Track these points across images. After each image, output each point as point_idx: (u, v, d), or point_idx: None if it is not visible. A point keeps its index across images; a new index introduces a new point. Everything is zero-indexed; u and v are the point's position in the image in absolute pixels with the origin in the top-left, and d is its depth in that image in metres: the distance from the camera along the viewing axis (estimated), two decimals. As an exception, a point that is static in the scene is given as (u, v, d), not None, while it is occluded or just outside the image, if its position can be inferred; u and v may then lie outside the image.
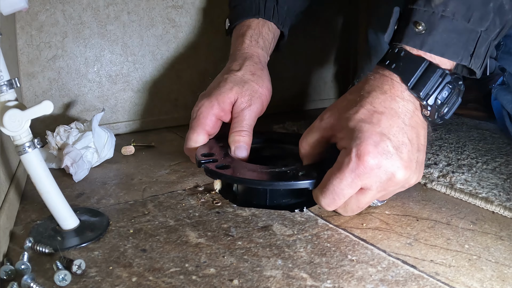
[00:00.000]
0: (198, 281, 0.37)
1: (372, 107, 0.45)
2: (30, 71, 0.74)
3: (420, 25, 0.44)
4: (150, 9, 0.82)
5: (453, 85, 0.45)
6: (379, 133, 0.43)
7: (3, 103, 0.39)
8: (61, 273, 0.36)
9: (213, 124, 0.59)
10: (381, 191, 0.44)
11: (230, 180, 0.50)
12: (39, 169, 0.41)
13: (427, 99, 0.45)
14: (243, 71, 0.62)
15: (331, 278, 0.37)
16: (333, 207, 0.46)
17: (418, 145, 0.45)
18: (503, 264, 0.40)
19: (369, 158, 0.42)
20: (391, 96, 0.45)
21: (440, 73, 0.45)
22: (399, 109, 0.45)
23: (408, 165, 0.44)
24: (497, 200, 0.52)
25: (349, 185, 0.43)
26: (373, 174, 0.43)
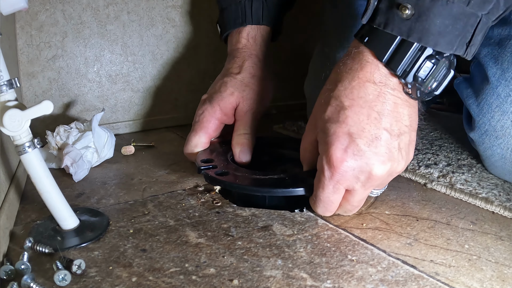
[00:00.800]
0: (198, 281, 0.37)
1: (338, 103, 0.42)
2: (30, 71, 0.74)
3: (407, 8, 0.37)
4: (150, 9, 0.82)
5: (436, 60, 0.40)
6: (347, 134, 0.41)
7: (3, 103, 0.39)
8: (61, 273, 0.36)
9: (215, 128, 0.60)
10: (368, 187, 0.43)
11: (229, 187, 0.51)
12: (39, 169, 0.41)
13: (405, 77, 0.40)
14: (243, 74, 0.62)
15: (331, 278, 0.37)
16: (329, 213, 0.46)
17: (399, 129, 0.42)
18: (503, 264, 0.40)
19: (339, 163, 0.41)
20: (360, 83, 0.41)
21: (418, 46, 0.39)
22: (370, 97, 0.40)
23: (387, 158, 0.41)
24: (497, 200, 0.52)
25: (332, 192, 0.43)
26: (350, 177, 0.42)
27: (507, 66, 0.54)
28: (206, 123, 0.59)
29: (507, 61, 0.54)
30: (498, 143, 0.56)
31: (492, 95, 0.55)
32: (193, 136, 0.60)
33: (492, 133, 0.56)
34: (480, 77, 0.58)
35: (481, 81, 0.57)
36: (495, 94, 0.55)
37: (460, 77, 0.64)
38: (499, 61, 0.55)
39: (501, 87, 0.55)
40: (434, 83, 0.41)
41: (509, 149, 0.55)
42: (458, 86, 0.63)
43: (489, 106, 0.56)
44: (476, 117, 0.58)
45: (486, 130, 0.57)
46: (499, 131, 0.56)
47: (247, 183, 0.50)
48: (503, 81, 0.54)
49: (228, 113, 0.60)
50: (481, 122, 0.57)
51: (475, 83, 0.60)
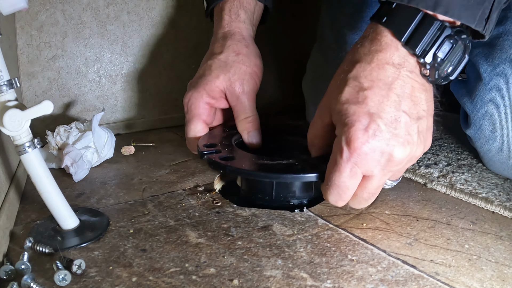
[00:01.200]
0: (198, 281, 0.37)
1: (357, 84, 0.41)
2: (30, 71, 0.74)
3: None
4: (150, 9, 0.82)
5: (455, 40, 0.40)
6: (367, 114, 0.39)
7: (3, 103, 0.39)
8: (61, 273, 0.36)
9: (207, 113, 0.58)
10: (386, 173, 0.42)
11: (235, 172, 0.47)
12: (39, 169, 0.41)
13: (425, 56, 0.40)
14: (226, 53, 0.58)
15: (331, 278, 0.37)
16: (342, 202, 0.43)
17: (418, 113, 0.41)
18: (503, 264, 0.40)
19: (359, 144, 0.39)
20: (379, 64, 0.40)
21: (438, 25, 0.39)
22: (389, 79, 0.40)
23: (406, 140, 0.40)
24: (497, 200, 0.52)
25: (349, 176, 0.41)
26: (370, 159, 0.40)
27: (498, 62, 0.55)
28: (196, 110, 0.57)
29: (497, 57, 0.55)
30: (493, 136, 0.56)
31: (485, 91, 0.56)
32: (189, 127, 0.58)
33: (487, 128, 0.57)
34: (473, 76, 0.59)
35: (474, 79, 0.58)
36: (488, 89, 0.56)
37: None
38: (490, 58, 0.56)
39: (493, 82, 0.55)
40: (450, 67, 0.41)
41: (505, 141, 0.56)
42: (453, 87, 0.64)
43: (482, 101, 0.57)
44: (470, 114, 0.59)
45: (481, 125, 0.58)
46: (493, 124, 0.56)
47: (255, 168, 0.46)
48: (495, 76, 0.55)
49: (216, 96, 0.57)
50: (475, 118, 0.58)
51: (469, 83, 0.61)
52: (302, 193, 0.52)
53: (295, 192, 0.51)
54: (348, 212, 0.50)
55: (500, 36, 0.56)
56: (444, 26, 0.39)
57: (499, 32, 0.56)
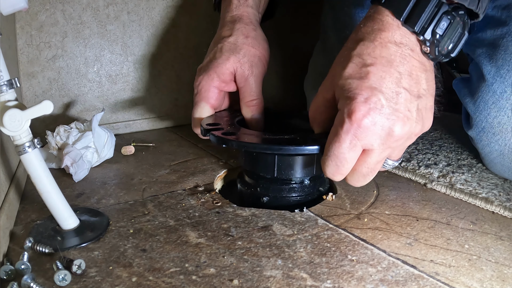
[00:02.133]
0: (198, 281, 0.37)
1: (360, 60, 0.42)
2: (30, 71, 0.74)
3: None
4: (150, 9, 0.82)
5: (452, 16, 0.41)
6: (369, 88, 0.40)
7: (3, 103, 0.39)
8: (61, 273, 0.36)
9: (216, 97, 0.58)
10: (386, 148, 0.42)
11: (238, 145, 0.47)
12: (39, 169, 0.41)
13: (424, 33, 0.41)
14: (235, 36, 0.59)
15: (331, 278, 0.37)
16: (339, 175, 0.43)
17: (418, 91, 0.42)
18: (503, 264, 0.40)
19: (361, 116, 0.40)
20: (381, 43, 0.42)
21: (435, 2, 0.41)
22: (391, 57, 0.41)
23: (406, 116, 0.41)
24: (497, 200, 0.52)
25: (348, 147, 0.41)
26: (370, 132, 0.40)
27: (502, 63, 0.55)
28: (205, 93, 0.57)
29: (501, 59, 0.55)
30: (495, 139, 0.56)
31: (488, 93, 0.56)
32: (195, 109, 0.58)
33: (489, 130, 0.57)
34: (476, 76, 0.59)
35: (477, 79, 0.58)
36: (491, 91, 0.55)
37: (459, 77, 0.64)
38: (494, 59, 0.55)
39: (496, 84, 0.55)
40: (450, 44, 0.42)
41: (507, 145, 0.55)
42: (456, 86, 0.64)
43: (485, 103, 0.56)
44: (473, 115, 0.58)
45: (483, 127, 0.57)
46: (496, 127, 0.56)
47: (257, 141, 0.46)
48: (498, 78, 0.55)
49: (226, 79, 0.58)
50: (478, 119, 0.58)
51: (471, 83, 0.60)
52: (303, 170, 0.50)
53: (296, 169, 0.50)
54: (348, 212, 0.50)
55: (504, 37, 0.55)
56: (441, 3, 0.41)
57: (503, 33, 0.56)
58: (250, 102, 0.58)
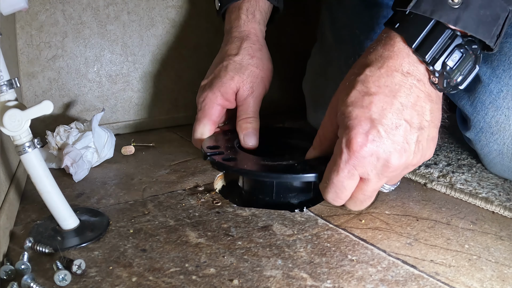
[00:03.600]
0: (198, 281, 0.37)
1: (364, 88, 0.42)
2: (30, 71, 0.74)
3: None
4: (150, 9, 0.82)
5: (465, 50, 0.41)
6: (369, 119, 0.41)
7: (3, 103, 0.39)
8: (61, 273, 0.36)
9: (218, 114, 0.60)
10: (382, 178, 0.43)
11: (237, 172, 0.49)
12: (39, 169, 0.41)
13: (434, 64, 0.41)
14: (241, 56, 0.60)
15: (331, 278, 0.37)
16: (339, 201, 0.45)
17: (421, 123, 0.42)
18: (503, 264, 0.40)
19: (358, 147, 0.40)
20: (388, 71, 0.41)
21: (449, 34, 0.41)
22: (396, 87, 0.41)
23: (403, 148, 0.41)
24: (497, 200, 0.52)
25: (346, 176, 0.42)
26: (366, 163, 0.41)
27: (497, 64, 0.55)
28: (209, 110, 0.59)
29: (496, 60, 0.55)
30: (494, 139, 0.56)
31: (485, 93, 0.56)
32: (198, 125, 0.60)
33: (487, 130, 0.57)
34: None
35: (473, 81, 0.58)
36: (487, 91, 0.56)
37: None
38: (489, 61, 0.56)
39: (492, 84, 0.55)
40: (459, 77, 0.42)
41: (506, 144, 0.55)
42: None
43: (482, 104, 0.56)
44: (470, 116, 0.58)
45: (481, 127, 0.57)
46: (494, 127, 0.56)
47: (256, 168, 0.48)
48: (494, 78, 0.55)
49: (229, 98, 0.60)
50: (475, 120, 0.58)
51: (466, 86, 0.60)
52: (302, 193, 0.52)
53: (295, 193, 0.51)
54: (348, 212, 0.50)
55: None
56: (455, 35, 0.40)
57: None
58: (245, 120, 0.59)
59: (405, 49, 0.41)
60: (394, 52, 0.42)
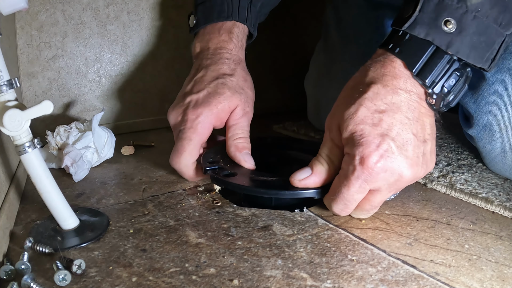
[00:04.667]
0: (198, 281, 0.37)
1: (372, 105, 0.43)
2: (30, 71, 0.74)
3: (451, 23, 0.41)
4: (150, 9, 0.82)
5: (461, 73, 0.43)
6: (381, 135, 0.42)
7: (3, 103, 0.39)
8: (61, 273, 0.36)
9: (208, 134, 0.55)
10: (392, 190, 0.44)
11: (237, 188, 0.50)
12: (39, 169, 0.41)
13: (433, 87, 0.43)
14: (237, 77, 0.58)
15: (331, 278, 0.37)
16: (346, 212, 0.46)
17: (424, 137, 0.44)
18: (503, 264, 0.40)
19: (372, 163, 0.42)
20: (393, 89, 0.43)
21: (447, 59, 0.42)
22: (402, 104, 0.43)
23: (414, 162, 0.43)
24: (497, 200, 0.52)
25: (357, 191, 0.43)
26: (380, 178, 0.42)
27: (502, 62, 0.55)
28: (202, 130, 0.54)
29: (501, 58, 0.55)
30: (497, 137, 0.56)
31: (489, 91, 0.56)
32: (187, 145, 0.53)
33: (490, 128, 0.57)
34: (475, 76, 0.59)
35: (477, 79, 0.58)
36: (492, 89, 0.56)
37: None
38: None
39: (497, 82, 0.55)
40: (451, 96, 0.44)
41: (509, 142, 0.55)
42: None
43: (486, 101, 0.57)
44: (474, 114, 0.58)
45: (484, 125, 0.58)
46: (497, 125, 0.56)
47: (255, 185, 0.49)
48: (499, 76, 0.55)
49: (223, 118, 0.56)
50: (479, 118, 0.58)
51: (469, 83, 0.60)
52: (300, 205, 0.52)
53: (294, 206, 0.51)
54: (348, 212, 0.50)
55: None
56: (453, 60, 0.42)
57: None
58: (241, 139, 0.56)
59: (406, 72, 0.43)
60: (397, 74, 0.43)
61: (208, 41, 0.62)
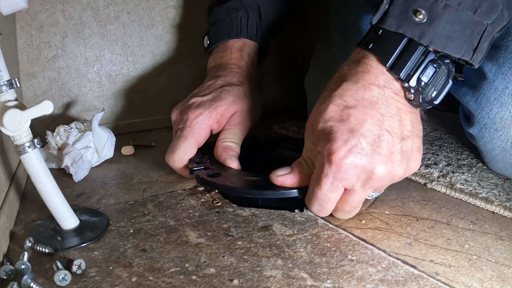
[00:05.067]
0: (198, 281, 0.37)
1: (342, 102, 0.42)
2: (30, 71, 0.74)
3: (421, 13, 0.40)
4: (150, 9, 0.82)
5: (438, 65, 0.41)
6: (350, 131, 0.41)
7: (3, 103, 0.39)
8: (61, 273, 0.36)
9: (205, 135, 0.56)
10: (367, 189, 0.43)
11: (220, 188, 0.51)
12: (39, 169, 0.41)
13: (409, 80, 0.41)
14: (244, 88, 0.60)
15: (331, 278, 0.37)
16: (325, 212, 0.45)
17: (402, 133, 0.42)
18: (503, 264, 0.40)
19: (339, 158, 0.40)
20: (364, 85, 0.42)
21: (421, 50, 0.41)
22: (374, 99, 0.41)
23: (388, 159, 0.41)
24: (497, 200, 0.52)
25: (329, 189, 0.42)
26: (351, 175, 0.41)
27: (503, 61, 0.55)
28: (199, 130, 0.55)
29: (502, 57, 0.55)
30: (498, 135, 0.56)
31: (490, 89, 0.56)
32: (183, 143, 0.54)
33: (491, 126, 0.57)
34: (476, 75, 0.59)
35: (478, 78, 0.58)
36: (493, 88, 0.56)
37: None
38: (494, 58, 0.56)
39: (498, 81, 0.55)
40: (434, 92, 0.42)
41: (509, 141, 0.55)
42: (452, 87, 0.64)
43: (487, 100, 0.57)
44: (474, 112, 0.58)
45: (485, 124, 0.58)
46: (498, 123, 0.56)
47: (238, 185, 0.49)
48: (500, 75, 0.55)
49: (220, 122, 0.57)
50: (480, 116, 0.58)
51: (470, 82, 0.61)
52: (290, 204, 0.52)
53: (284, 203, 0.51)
54: (348, 212, 0.50)
55: (504, 38, 0.56)
56: (428, 51, 0.41)
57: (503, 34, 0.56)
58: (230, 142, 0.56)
59: (379, 67, 0.42)
60: (369, 69, 0.42)
61: (221, 58, 0.65)
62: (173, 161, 0.55)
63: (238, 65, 0.63)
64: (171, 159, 0.55)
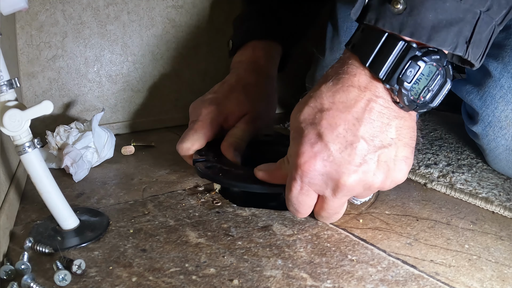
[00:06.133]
0: (198, 281, 0.37)
1: (317, 104, 0.39)
2: (30, 71, 0.74)
3: (399, 3, 0.35)
4: (150, 9, 0.82)
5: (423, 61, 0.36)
6: (318, 135, 0.38)
7: (3, 103, 0.39)
8: (61, 273, 0.36)
9: (214, 130, 0.58)
10: (341, 197, 0.41)
11: (211, 180, 0.52)
12: (39, 169, 0.41)
13: (388, 80, 0.37)
14: (259, 89, 0.61)
15: (331, 278, 0.37)
16: (300, 215, 0.44)
17: (383, 141, 0.38)
18: (503, 264, 0.40)
19: (306, 166, 0.39)
20: (343, 87, 0.38)
21: (402, 46, 0.36)
22: (351, 102, 0.38)
23: (360, 168, 0.38)
24: (497, 200, 0.52)
25: (300, 193, 0.41)
26: (317, 180, 0.39)
27: (508, 60, 0.55)
28: (208, 125, 0.57)
29: (507, 56, 0.56)
30: (502, 134, 0.57)
31: (495, 88, 0.56)
32: (192, 134, 0.56)
33: (496, 124, 0.57)
34: (481, 73, 0.59)
35: (482, 76, 0.59)
36: (498, 86, 0.56)
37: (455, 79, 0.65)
38: (500, 57, 0.56)
39: (504, 79, 0.56)
40: (428, 94, 0.37)
41: None
42: (455, 86, 0.64)
43: (492, 98, 0.57)
44: (479, 110, 0.59)
45: (490, 122, 0.58)
46: (503, 121, 0.56)
47: (227, 177, 0.49)
48: (505, 73, 0.56)
49: (230, 120, 0.58)
50: (484, 114, 0.58)
51: (474, 80, 0.61)
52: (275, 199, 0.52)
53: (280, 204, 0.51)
54: (348, 212, 0.50)
55: (509, 37, 0.56)
56: (409, 47, 0.36)
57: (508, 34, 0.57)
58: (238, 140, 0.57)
59: (360, 68, 0.38)
60: (349, 71, 0.39)
61: (243, 56, 0.66)
62: (181, 149, 0.57)
63: (259, 65, 0.64)
64: (179, 147, 0.57)
